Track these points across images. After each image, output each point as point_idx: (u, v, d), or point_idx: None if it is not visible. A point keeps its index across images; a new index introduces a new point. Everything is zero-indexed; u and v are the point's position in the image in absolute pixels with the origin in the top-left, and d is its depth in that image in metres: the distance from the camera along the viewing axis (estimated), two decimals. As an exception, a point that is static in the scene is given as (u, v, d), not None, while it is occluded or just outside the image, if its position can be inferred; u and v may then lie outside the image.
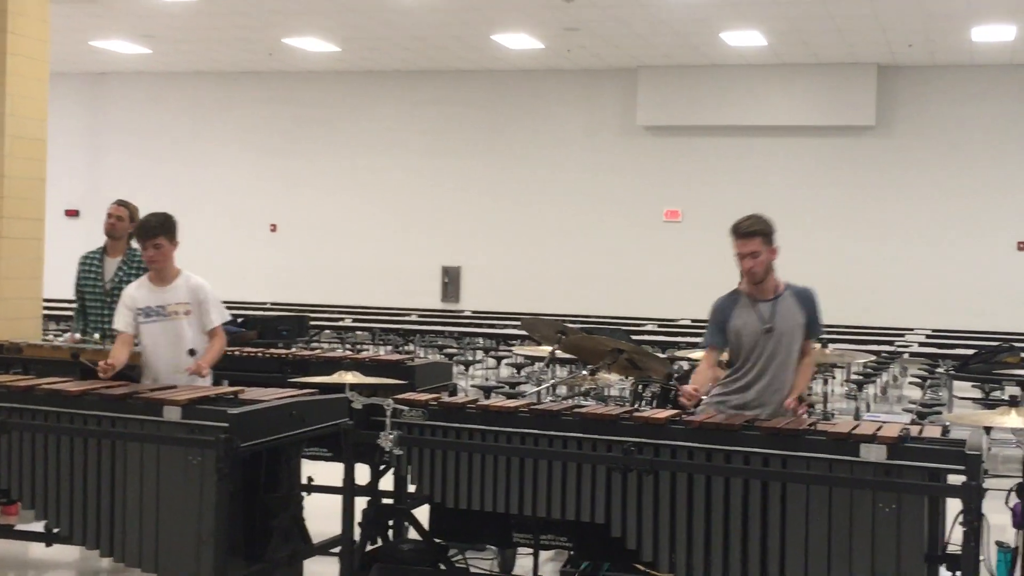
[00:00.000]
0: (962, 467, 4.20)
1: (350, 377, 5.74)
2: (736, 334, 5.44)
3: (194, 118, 24.73)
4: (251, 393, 5.52)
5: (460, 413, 5.05)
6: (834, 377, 14.13)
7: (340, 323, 17.41)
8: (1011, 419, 4.50)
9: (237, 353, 7.50)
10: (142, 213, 6.54)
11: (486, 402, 5.14)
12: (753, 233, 5.33)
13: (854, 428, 4.47)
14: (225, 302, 6.53)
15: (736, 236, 5.37)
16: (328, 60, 22.33)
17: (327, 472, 6.20)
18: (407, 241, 23.48)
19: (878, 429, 4.44)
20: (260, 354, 7.52)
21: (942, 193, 20.62)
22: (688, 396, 5.20)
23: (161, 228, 6.10)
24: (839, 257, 20.97)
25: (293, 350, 9.15)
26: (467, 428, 4.99)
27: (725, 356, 5.64)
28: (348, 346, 16.73)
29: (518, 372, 14.17)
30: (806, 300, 5.46)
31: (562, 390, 8.82)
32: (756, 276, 5.38)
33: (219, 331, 6.18)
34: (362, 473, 5.31)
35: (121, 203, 7.41)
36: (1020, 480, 4.31)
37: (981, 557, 4.32)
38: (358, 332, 17.06)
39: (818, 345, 5.50)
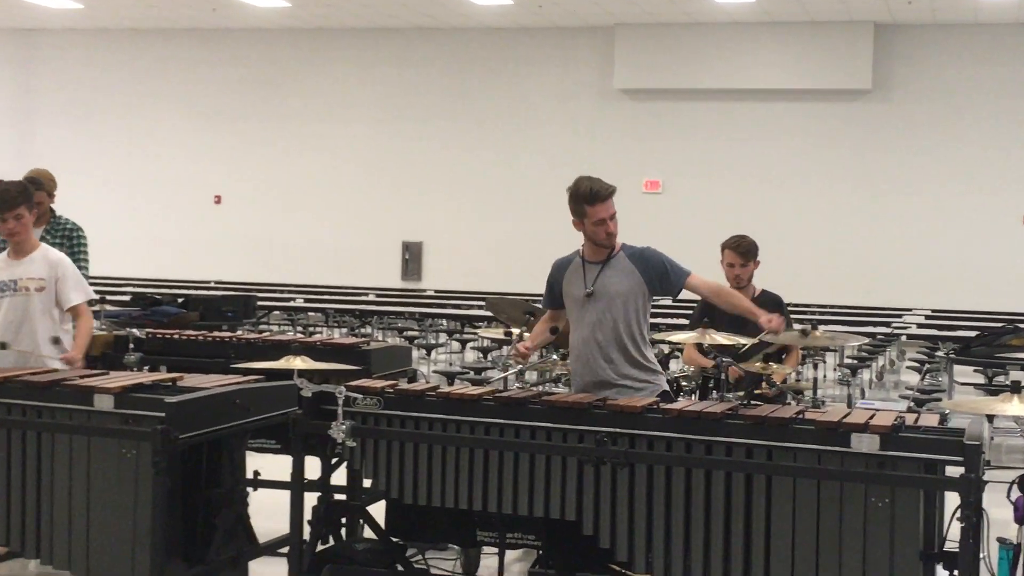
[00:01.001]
0: (960, 458, 4.22)
1: (299, 362, 5.71)
2: (567, 298, 5.57)
3: (131, 80, 24.56)
4: (191, 380, 5.48)
5: (419, 401, 5.04)
6: (825, 362, 14.20)
7: (291, 303, 17.37)
8: (1014, 406, 4.52)
9: (177, 336, 7.48)
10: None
11: (447, 389, 5.13)
12: (611, 194, 5.46)
13: (845, 416, 4.48)
14: (165, 281, 6.49)
15: (596, 202, 5.42)
16: (277, 16, 22.20)
17: (274, 465, 6.18)
18: (365, 214, 23.42)
19: (871, 418, 4.45)
20: (202, 337, 7.48)
21: (943, 162, 20.72)
22: (518, 353, 5.40)
23: (22, 197, 6.07)
24: (831, 232, 21.07)
25: (238, 333, 9.10)
26: (426, 418, 4.97)
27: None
28: (299, 328, 16.69)
29: (484, 357, 14.17)
30: (640, 258, 5.49)
31: (531, 376, 8.82)
32: (614, 239, 5.49)
33: (83, 310, 6.16)
34: (312, 466, 5.30)
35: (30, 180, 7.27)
36: (1022, 472, 4.32)
37: (981, 555, 4.35)
38: (310, 313, 17.03)
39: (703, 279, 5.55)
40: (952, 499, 4.33)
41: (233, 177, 24.12)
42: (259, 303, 15.18)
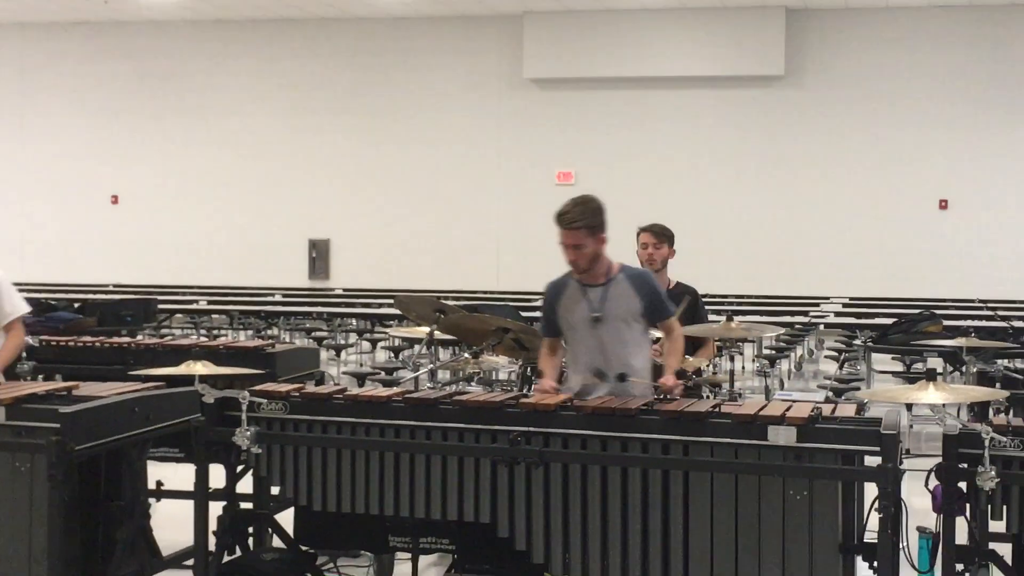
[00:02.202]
0: (878, 448, 4.28)
1: (200, 367, 5.66)
2: (567, 324, 5.55)
3: (19, 75, 24.15)
4: (87, 388, 5.41)
5: (326, 405, 5.01)
6: (742, 353, 14.35)
7: (193, 306, 17.19)
8: (929, 394, 4.60)
9: (73, 343, 7.38)
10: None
11: (355, 392, 5.11)
12: (578, 227, 5.36)
13: (761, 409, 4.54)
14: (60, 285, 6.39)
15: (559, 226, 5.40)
16: (173, 8, 21.97)
17: (177, 475, 6.12)
18: (269, 212, 23.25)
19: (787, 409, 4.51)
20: (98, 343, 7.39)
21: (858, 148, 21.01)
22: (546, 393, 5.26)
23: None
24: (747, 220, 21.29)
25: (138, 338, 9.01)
26: (334, 421, 4.95)
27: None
28: (203, 332, 16.52)
29: (395, 356, 14.14)
30: (641, 284, 5.52)
31: (444, 375, 8.82)
32: (579, 268, 5.47)
33: (16, 326, 5.99)
34: (217, 475, 5.25)
35: None
36: (939, 461, 4.40)
37: (901, 545, 4.41)
38: (214, 316, 16.86)
39: (677, 323, 5.62)
40: (870, 489, 4.40)
41: (130, 176, 23.81)
42: (160, 306, 15.03)
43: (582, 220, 5.37)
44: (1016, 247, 20.27)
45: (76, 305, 12.05)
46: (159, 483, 5.80)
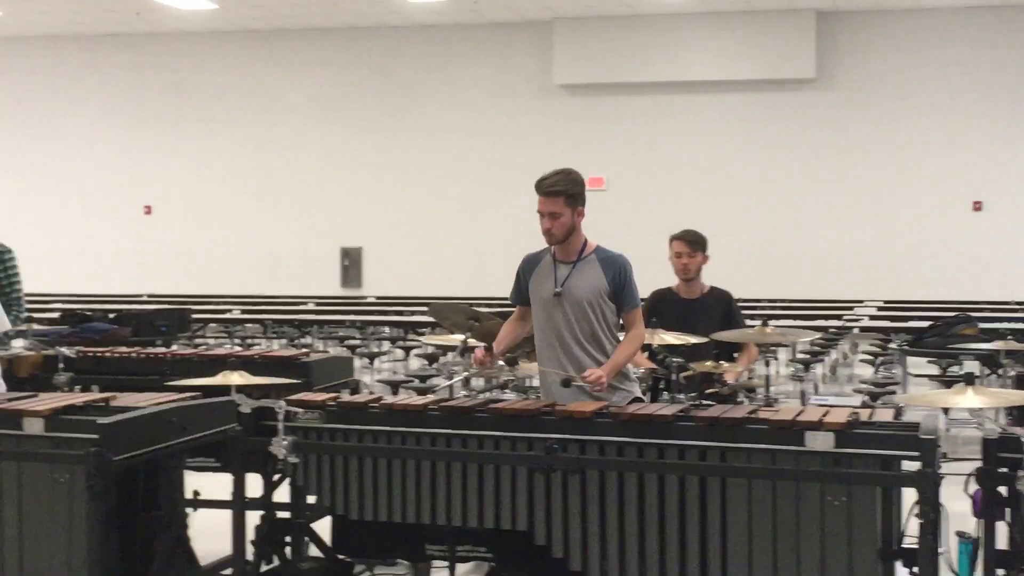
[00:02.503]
0: (916, 453, 4.26)
1: (236, 377, 5.67)
2: (535, 296, 5.56)
3: (54, 88, 24.30)
4: (124, 399, 5.44)
5: (362, 414, 5.03)
6: (777, 358, 14.27)
7: (227, 315, 17.25)
8: (967, 398, 4.57)
9: (108, 354, 7.42)
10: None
11: (390, 400, 5.12)
12: (557, 192, 5.37)
13: (798, 415, 4.52)
14: (95, 296, 6.42)
15: (538, 192, 5.41)
16: (203, 19, 22.05)
17: (215, 484, 6.13)
18: (301, 221, 23.31)
19: (824, 415, 4.49)
20: (135, 354, 7.43)
21: (890, 151, 20.91)
22: (477, 360, 5.37)
23: None
24: (780, 224, 21.21)
25: (173, 349, 9.05)
26: (370, 430, 4.96)
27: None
28: (237, 341, 16.58)
29: (429, 364, 14.15)
30: (612, 266, 5.49)
31: (477, 383, 8.83)
32: (553, 238, 5.46)
33: None
34: (254, 484, 5.26)
35: None
36: (980, 465, 4.37)
37: (940, 550, 4.38)
38: (248, 325, 16.93)
39: (641, 320, 5.57)
40: (909, 494, 4.37)
41: (163, 186, 23.91)
42: (194, 316, 15.10)
43: (562, 187, 5.39)
44: (1051, 248, 20.13)
45: (111, 316, 12.09)
46: (196, 493, 5.82)
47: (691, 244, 6.89)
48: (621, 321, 5.61)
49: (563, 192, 5.38)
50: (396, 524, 4.96)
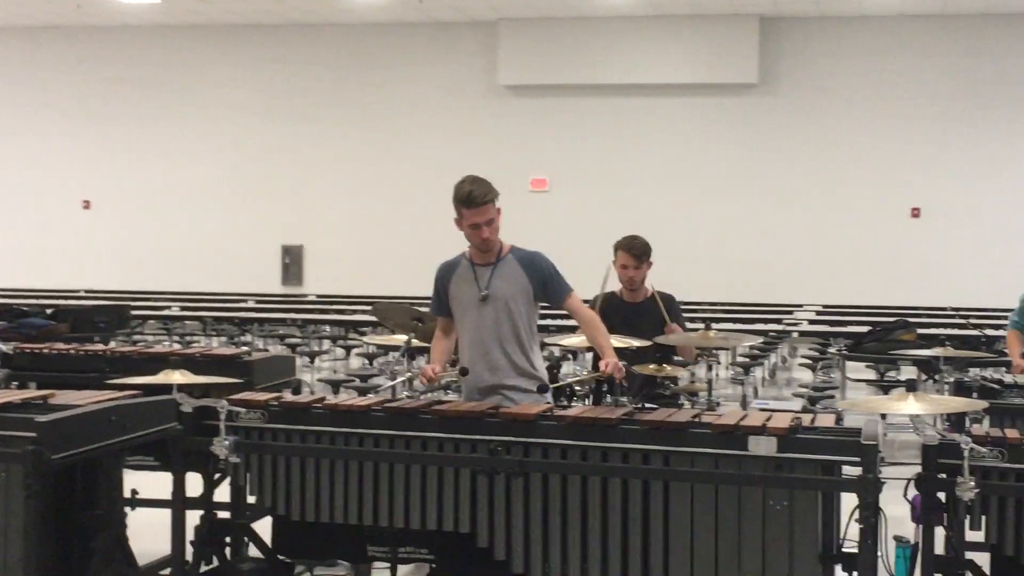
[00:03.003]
0: (858, 458, 4.29)
1: (178, 376, 5.62)
2: (456, 303, 5.59)
3: (-9, 80, 24.04)
4: (63, 397, 5.36)
5: (305, 414, 4.99)
6: (719, 361, 14.37)
7: (166, 312, 17.10)
8: (908, 405, 4.61)
9: (46, 351, 7.32)
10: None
11: (334, 400, 5.09)
12: (489, 200, 5.46)
13: (742, 419, 4.54)
14: (31, 291, 6.34)
15: (470, 207, 5.45)
16: (148, 12, 21.87)
17: (154, 484, 6.07)
18: (242, 218, 23.17)
19: (767, 420, 4.52)
20: (73, 351, 7.33)
21: (831, 156, 21.09)
22: (427, 379, 5.39)
23: None
24: (720, 228, 21.33)
25: (112, 345, 8.95)
26: (313, 431, 4.93)
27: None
28: (176, 338, 16.45)
29: (370, 363, 14.10)
30: (531, 264, 5.57)
31: (420, 384, 8.78)
32: (493, 244, 5.53)
33: None
34: (194, 484, 5.22)
35: None
36: (920, 470, 4.41)
37: (879, 554, 4.42)
38: (187, 322, 16.79)
39: (579, 300, 5.63)
40: (847, 499, 4.40)
41: (102, 181, 23.70)
42: (133, 312, 14.96)
43: (490, 194, 5.47)
44: (988, 255, 20.36)
45: (49, 311, 11.96)
46: (134, 492, 5.76)
47: (637, 258, 6.88)
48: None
49: (493, 198, 5.46)
50: (337, 525, 4.93)
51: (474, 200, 5.40)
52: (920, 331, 11.57)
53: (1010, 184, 20.60)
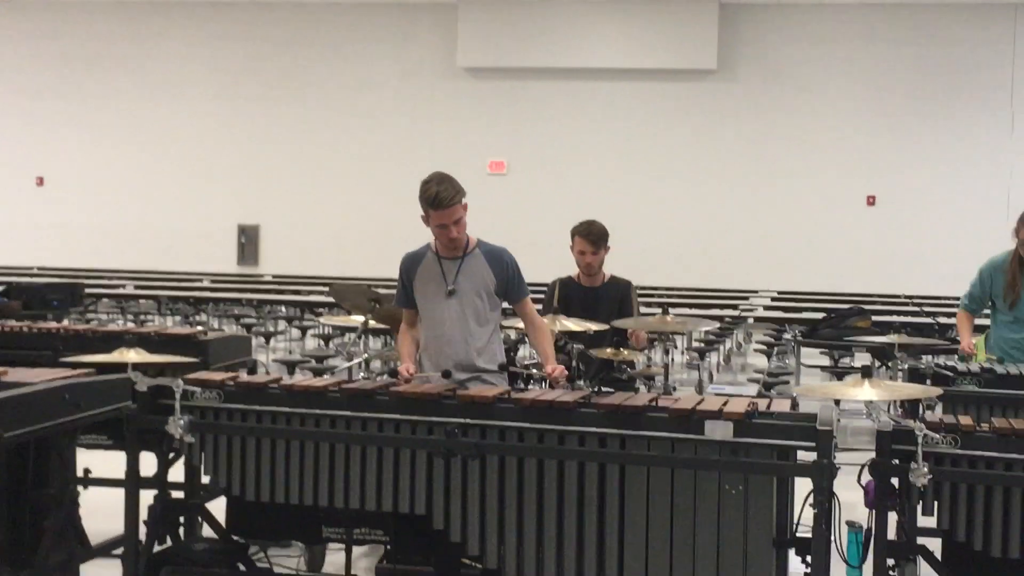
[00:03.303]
0: (813, 444, 4.31)
1: (133, 355, 5.57)
2: (421, 295, 5.61)
3: (-57, 54, 23.76)
4: (15, 375, 5.32)
5: (261, 394, 4.97)
6: (676, 346, 14.42)
7: (120, 291, 16.99)
8: (864, 391, 4.64)
9: (-1, 328, 7.25)
10: None
11: (291, 381, 5.07)
12: (457, 201, 5.42)
13: (698, 404, 4.55)
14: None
15: (438, 208, 5.40)
16: (103, -12, 21.67)
17: (107, 463, 6.04)
18: (197, 196, 23.03)
19: (724, 404, 4.53)
20: (26, 328, 7.26)
21: (787, 143, 21.19)
22: (404, 381, 5.31)
23: None
24: (677, 213, 21.40)
25: (65, 323, 8.87)
26: (269, 411, 4.91)
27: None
28: (130, 317, 16.34)
29: (326, 344, 14.06)
30: (497, 260, 5.60)
31: (376, 365, 8.78)
32: (460, 243, 5.53)
33: None
34: (148, 463, 5.19)
35: None
36: (873, 456, 4.44)
37: (831, 538, 4.45)
38: (141, 301, 16.69)
39: (532, 305, 5.67)
40: (801, 484, 4.43)
41: (56, 157, 23.48)
42: (86, 291, 14.83)
43: (458, 194, 5.43)
44: (941, 243, 20.53)
45: (0, 288, 11.85)
46: (86, 471, 5.73)
47: (594, 243, 6.92)
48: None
49: (460, 199, 5.43)
50: (292, 506, 4.91)
51: (441, 202, 5.37)
52: (874, 318, 11.65)
53: (963, 172, 20.76)
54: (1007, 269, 6.92)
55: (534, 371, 6.04)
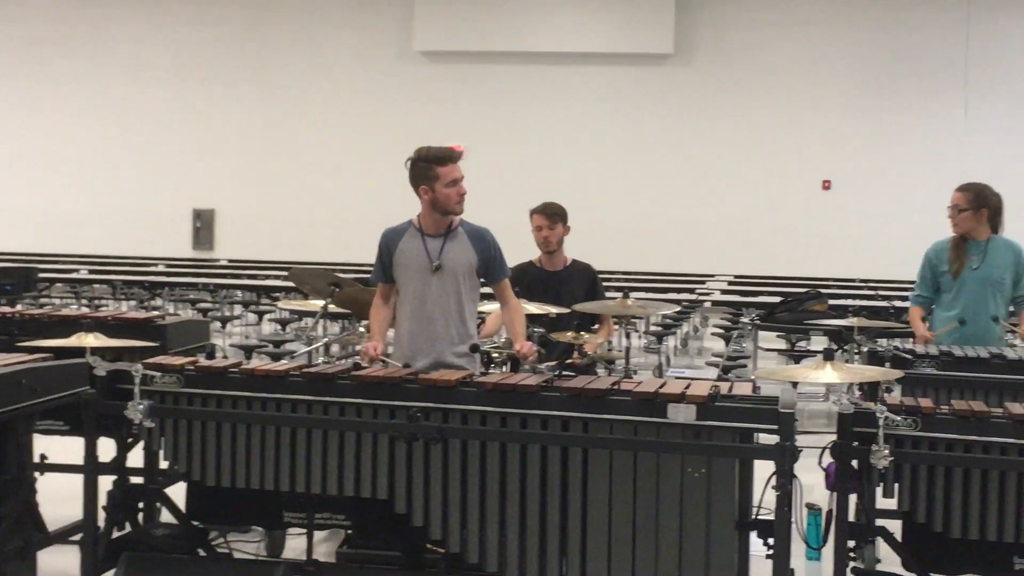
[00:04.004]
0: (775, 426, 4.33)
1: (91, 339, 5.53)
2: (401, 270, 5.58)
3: None
4: (-29, 359, 5.27)
5: (221, 378, 4.93)
6: (637, 330, 14.45)
7: (75, 276, 16.84)
8: (826, 374, 4.66)
9: (-47, 313, 7.16)
10: None
11: (251, 366, 5.02)
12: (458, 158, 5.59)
13: (661, 387, 4.55)
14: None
15: (447, 163, 5.59)
16: (55, -31, 21.45)
17: (65, 448, 5.99)
18: (153, 180, 22.87)
19: (687, 387, 4.53)
20: (-20, 313, 7.17)
21: (744, 128, 21.27)
22: (369, 358, 5.36)
23: None
24: (634, 197, 21.44)
25: (20, 308, 8.79)
26: (229, 395, 4.87)
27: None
28: (85, 302, 16.21)
29: (283, 329, 14.00)
30: (479, 239, 5.62)
31: (336, 349, 8.76)
32: (462, 205, 5.59)
33: None
34: (106, 448, 5.15)
35: None
36: (835, 439, 4.47)
37: (792, 521, 4.47)
38: (96, 286, 16.55)
39: (510, 288, 5.70)
40: (762, 466, 4.45)
41: (8, 141, 23.24)
42: (40, 275, 14.71)
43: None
44: (897, 227, 20.65)
45: (-47, 273, 11.74)
46: (43, 456, 5.67)
47: (550, 217, 6.97)
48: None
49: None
50: (253, 491, 4.88)
51: (450, 156, 5.49)
52: (831, 302, 11.72)
53: (918, 156, 20.90)
54: (950, 245, 7.04)
55: (504, 349, 6.04)
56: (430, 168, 5.46)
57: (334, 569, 5.27)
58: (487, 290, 5.82)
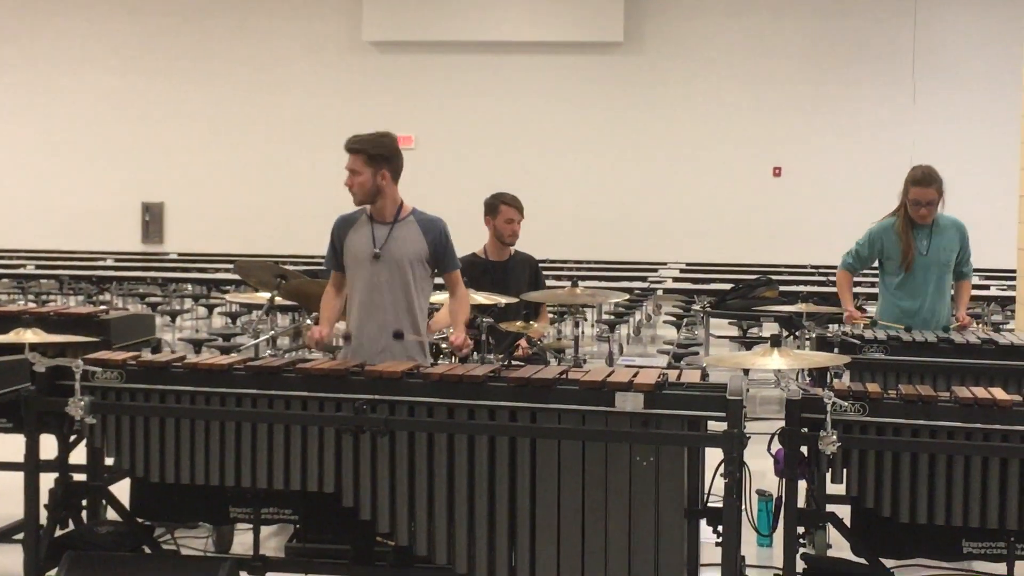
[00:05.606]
0: (723, 414, 4.32)
1: (30, 335, 5.46)
2: (350, 257, 5.53)
3: None
4: (-91, 358, 5.18)
5: (164, 373, 4.86)
6: (586, 319, 14.45)
7: (20, 271, 16.66)
8: (773, 360, 4.66)
9: None
10: None
11: (195, 359, 4.97)
12: (356, 150, 5.44)
13: (608, 376, 4.53)
14: None
15: (346, 150, 5.46)
16: (-3, -39, 21.20)
17: (6, 446, 5.91)
18: (100, 174, 22.66)
19: (634, 376, 4.51)
20: (-80, 310, 7.07)
21: (694, 116, 21.31)
22: (315, 341, 5.38)
23: None
24: (585, 186, 21.45)
25: (-39, 304, 8.67)
26: (172, 390, 4.81)
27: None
28: (31, 297, 16.04)
29: (233, 322, 13.91)
30: (431, 229, 5.53)
31: (284, 342, 8.70)
32: (354, 196, 5.47)
33: None
34: (48, 446, 5.07)
35: None
36: (783, 425, 4.46)
37: (742, 508, 4.46)
38: (42, 281, 16.38)
39: (461, 279, 5.67)
40: (711, 454, 4.44)
41: (-47, 135, 23.00)
42: (-15, 271, 14.54)
43: (361, 146, 5.44)
44: (847, 214, 20.71)
45: None
46: (-18, 455, 5.60)
47: (520, 211, 7.05)
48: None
49: (362, 151, 5.41)
50: (198, 486, 4.82)
51: (346, 143, 5.47)
52: (781, 288, 11.76)
53: (867, 143, 21.02)
54: (897, 230, 6.92)
55: (441, 343, 6.01)
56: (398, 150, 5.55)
57: (282, 564, 5.21)
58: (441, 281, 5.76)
